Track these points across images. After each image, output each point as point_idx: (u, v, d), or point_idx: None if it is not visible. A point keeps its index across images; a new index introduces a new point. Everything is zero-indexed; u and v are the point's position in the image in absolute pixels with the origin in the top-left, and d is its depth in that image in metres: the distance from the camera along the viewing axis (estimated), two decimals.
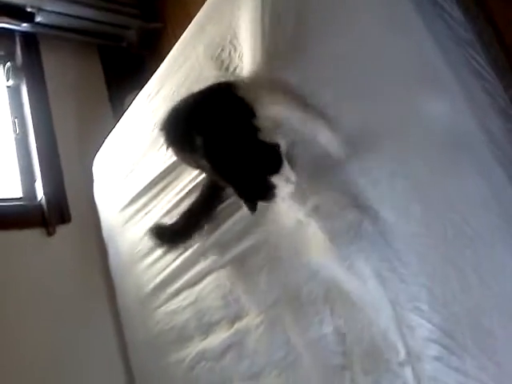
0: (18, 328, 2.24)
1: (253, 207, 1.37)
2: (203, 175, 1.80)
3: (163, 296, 2.04)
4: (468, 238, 1.16)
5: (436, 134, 1.23)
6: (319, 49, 1.41)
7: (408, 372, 1.21)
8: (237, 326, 1.72)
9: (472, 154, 1.20)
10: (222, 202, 1.71)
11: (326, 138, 1.36)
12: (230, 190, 1.61)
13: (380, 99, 1.31)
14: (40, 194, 2.55)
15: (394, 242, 1.26)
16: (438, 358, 1.19)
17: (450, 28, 1.38)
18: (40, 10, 2.58)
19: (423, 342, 1.21)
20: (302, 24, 1.45)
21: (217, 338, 1.80)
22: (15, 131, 2.64)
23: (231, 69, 1.66)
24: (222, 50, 1.70)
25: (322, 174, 1.40)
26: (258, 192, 1.33)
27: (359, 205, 1.30)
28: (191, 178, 1.86)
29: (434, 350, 1.20)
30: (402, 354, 1.22)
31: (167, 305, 2.03)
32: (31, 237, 2.46)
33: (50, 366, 2.26)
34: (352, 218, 1.31)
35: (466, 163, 1.20)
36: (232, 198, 1.67)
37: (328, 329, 1.42)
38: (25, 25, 2.61)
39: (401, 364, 1.23)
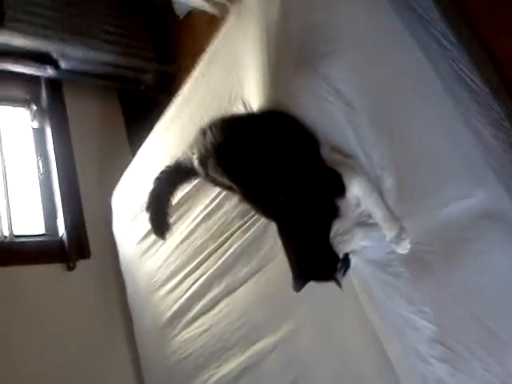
0: (38, 361, 2.27)
1: (299, 287, 1.23)
2: (215, 202, 1.88)
3: (179, 325, 2.07)
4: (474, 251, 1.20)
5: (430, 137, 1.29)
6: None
7: (413, 374, 1.22)
8: (252, 349, 1.73)
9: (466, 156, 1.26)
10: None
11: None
12: None
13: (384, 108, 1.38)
14: (61, 229, 2.63)
15: None
16: (443, 360, 1.20)
17: (443, 48, 1.46)
18: (64, 56, 2.73)
19: (428, 344, 1.22)
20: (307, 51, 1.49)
21: (231, 364, 1.80)
22: (39, 170, 2.76)
23: (233, 97, 1.73)
24: (227, 79, 1.77)
25: None
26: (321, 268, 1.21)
27: None
28: (203, 207, 1.93)
29: (438, 351, 1.21)
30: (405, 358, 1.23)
31: (183, 333, 2.05)
32: (52, 272, 2.53)
33: None
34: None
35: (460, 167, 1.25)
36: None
37: (339, 342, 1.43)
38: (50, 70, 2.75)
39: (405, 367, 1.24)
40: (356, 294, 1.36)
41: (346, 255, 1.22)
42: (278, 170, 1.30)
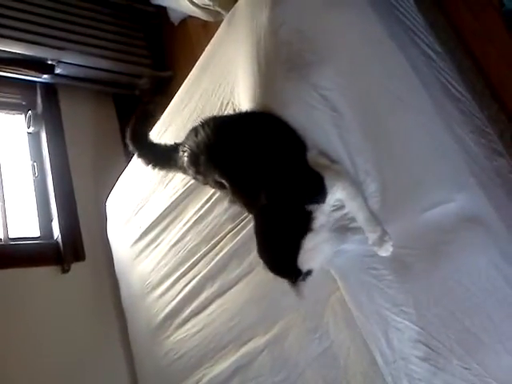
0: (33, 363, 2.30)
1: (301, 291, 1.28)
2: (207, 206, 1.92)
3: (172, 326, 2.10)
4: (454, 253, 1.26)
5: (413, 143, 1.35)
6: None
7: (397, 373, 1.27)
8: (243, 349, 1.76)
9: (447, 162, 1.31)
10: None
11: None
12: None
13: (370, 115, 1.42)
14: (56, 232, 2.66)
15: None
16: (425, 359, 1.24)
17: (428, 57, 1.51)
18: (59, 62, 2.76)
19: (411, 344, 1.26)
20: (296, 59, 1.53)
21: (224, 364, 1.83)
22: (34, 174, 2.79)
23: (225, 103, 1.78)
24: (219, 86, 1.82)
25: None
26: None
27: None
28: (195, 210, 1.97)
29: (421, 351, 1.25)
30: (390, 357, 1.28)
31: (176, 334, 2.08)
32: (47, 274, 2.56)
33: None
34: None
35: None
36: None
37: (327, 343, 1.48)
38: (45, 76, 2.79)
39: (389, 366, 1.28)
40: (342, 296, 1.40)
41: (310, 271, 1.25)
42: (262, 168, 1.37)
